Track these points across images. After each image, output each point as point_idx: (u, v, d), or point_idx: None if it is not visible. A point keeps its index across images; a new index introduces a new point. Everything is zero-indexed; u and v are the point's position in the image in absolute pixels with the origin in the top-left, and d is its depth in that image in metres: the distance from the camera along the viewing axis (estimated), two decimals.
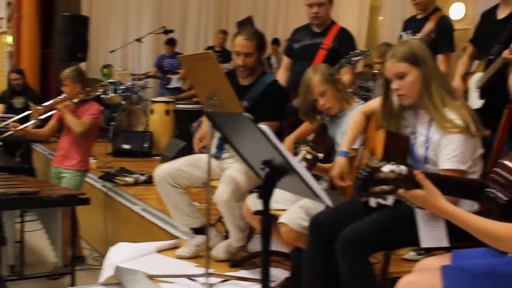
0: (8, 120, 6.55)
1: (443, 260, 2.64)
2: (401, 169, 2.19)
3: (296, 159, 3.40)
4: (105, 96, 11.19)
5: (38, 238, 6.48)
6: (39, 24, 11.65)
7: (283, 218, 3.80)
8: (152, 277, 4.30)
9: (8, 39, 12.63)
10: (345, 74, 5.10)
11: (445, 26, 5.04)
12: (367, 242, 3.02)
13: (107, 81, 11.39)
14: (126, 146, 9.55)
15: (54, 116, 6.32)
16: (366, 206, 3.16)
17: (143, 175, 7.37)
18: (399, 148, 3.22)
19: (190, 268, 4.55)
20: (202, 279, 4.16)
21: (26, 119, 6.45)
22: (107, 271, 4.66)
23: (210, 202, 4.22)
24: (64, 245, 5.54)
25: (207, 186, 4.22)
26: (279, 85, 4.74)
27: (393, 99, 3.28)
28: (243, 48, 4.51)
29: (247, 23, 10.77)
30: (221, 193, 4.29)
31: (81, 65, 9.69)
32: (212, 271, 4.23)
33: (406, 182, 2.23)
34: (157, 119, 10.11)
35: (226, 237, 4.74)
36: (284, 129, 4.73)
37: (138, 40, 11.29)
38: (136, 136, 9.73)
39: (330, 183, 3.65)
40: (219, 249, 4.65)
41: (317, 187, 2.51)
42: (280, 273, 4.37)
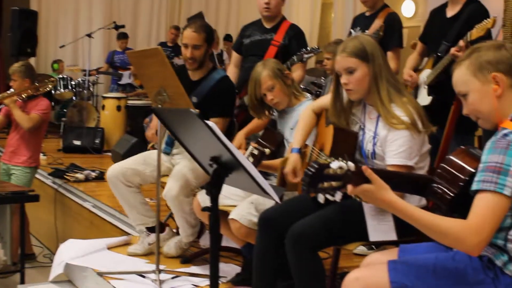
0: None
1: (390, 255, 2.67)
2: (349, 165, 2.20)
3: (244, 155, 3.41)
4: (56, 92, 11.08)
5: None
6: None
7: (233, 214, 3.80)
8: (102, 274, 4.28)
9: None
10: (296, 71, 5.12)
11: (394, 22, 5.07)
12: (315, 238, 3.03)
13: (58, 76, 11.27)
14: (77, 142, 9.45)
15: (1, 111, 6.24)
16: (316, 202, 3.18)
17: (94, 171, 7.33)
18: (348, 144, 3.25)
19: (141, 264, 4.53)
20: (152, 276, 4.15)
21: None
22: (57, 268, 4.62)
23: (161, 198, 4.21)
24: (13, 243, 5.48)
25: (157, 182, 4.21)
26: (229, 81, 4.74)
27: (344, 94, 3.30)
28: (191, 40, 4.50)
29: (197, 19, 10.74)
30: (170, 188, 4.27)
31: (30, 60, 9.57)
32: (163, 267, 4.22)
33: (355, 178, 2.25)
34: (108, 115, 10.03)
35: (178, 233, 4.73)
36: (236, 125, 4.74)
37: (88, 36, 11.17)
38: (87, 132, 9.64)
39: (281, 179, 3.66)
40: (170, 245, 4.63)
41: (265, 183, 2.51)
42: (231, 269, 4.38)
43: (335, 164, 2.18)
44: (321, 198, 2.23)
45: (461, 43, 4.12)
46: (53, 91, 10.95)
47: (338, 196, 2.22)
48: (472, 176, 2.32)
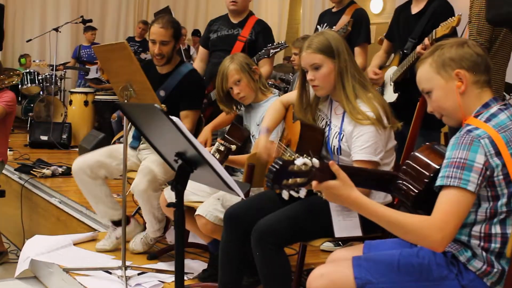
0: None
1: (355, 251, 2.68)
2: (314, 162, 2.20)
3: (210, 152, 3.41)
4: (23, 87, 10.98)
5: None
6: None
7: (199, 210, 3.79)
8: (68, 270, 4.25)
9: None
10: (264, 66, 5.12)
11: (361, 18, 5.08)
12: (280, 234, 3.03)
13: (25, 71, 11.17)
14: (44, 138, 9.40)
15: None
16: (281, 198, 3.18)
17: (61, 167, 7.29)
18: (314, 140, 3.25)
19: (108, 260, 4.51)
20: (119, 272, 4.13)
21: None
22: (22, 265, 4.59)
23: (128, 193, 4.19)
24: None
25: (123, 177, 4.19)
26: (197, 74, 4.74)
27: (310, 90, 3.30)
28: (159, 36, 4.49)
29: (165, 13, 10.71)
30: (138, 183, 4.26)
31: None
32: (129, 263, 4.20)
33: (320, 174, 2.24)
34: (75, 110, 9.98)
35: (145, 229, 4.71)
36: (203, 120, 4.73)
37: (55, 30, 11.06)
38: (54, 127, 9.57)
39: (248, 175, 3.66)
40: (136, 241, 4.61)
41: (230, 179, 2.51)
42: (198, 265, 4.38)
43: (299, 161, 2.17)
44: (285, 194, 2.22)
45: (426, 41, 4.14)
46: (20, 86, 10.85)
47: (302, 193, 2.22)
48: (437, 172, 2.34)
